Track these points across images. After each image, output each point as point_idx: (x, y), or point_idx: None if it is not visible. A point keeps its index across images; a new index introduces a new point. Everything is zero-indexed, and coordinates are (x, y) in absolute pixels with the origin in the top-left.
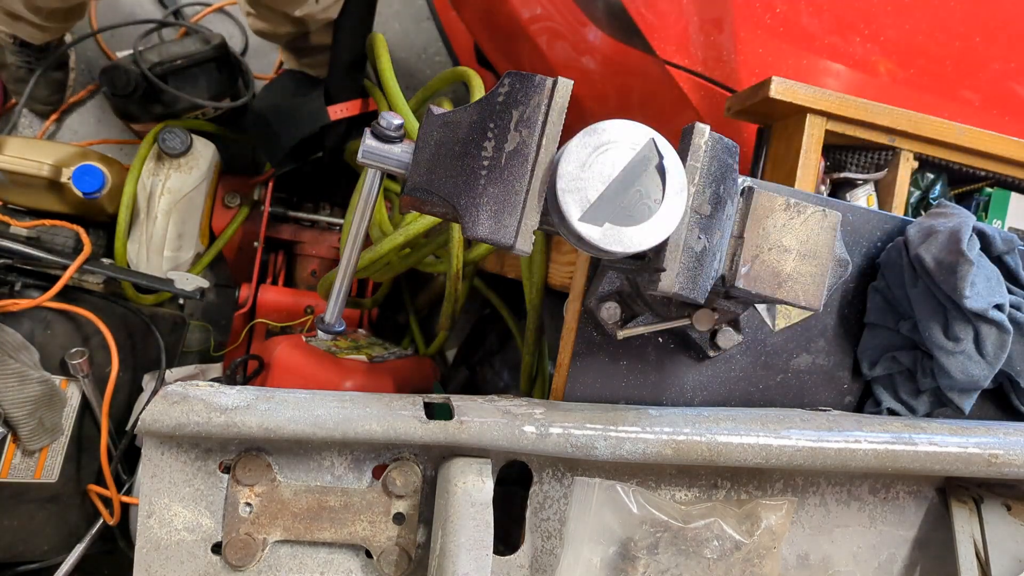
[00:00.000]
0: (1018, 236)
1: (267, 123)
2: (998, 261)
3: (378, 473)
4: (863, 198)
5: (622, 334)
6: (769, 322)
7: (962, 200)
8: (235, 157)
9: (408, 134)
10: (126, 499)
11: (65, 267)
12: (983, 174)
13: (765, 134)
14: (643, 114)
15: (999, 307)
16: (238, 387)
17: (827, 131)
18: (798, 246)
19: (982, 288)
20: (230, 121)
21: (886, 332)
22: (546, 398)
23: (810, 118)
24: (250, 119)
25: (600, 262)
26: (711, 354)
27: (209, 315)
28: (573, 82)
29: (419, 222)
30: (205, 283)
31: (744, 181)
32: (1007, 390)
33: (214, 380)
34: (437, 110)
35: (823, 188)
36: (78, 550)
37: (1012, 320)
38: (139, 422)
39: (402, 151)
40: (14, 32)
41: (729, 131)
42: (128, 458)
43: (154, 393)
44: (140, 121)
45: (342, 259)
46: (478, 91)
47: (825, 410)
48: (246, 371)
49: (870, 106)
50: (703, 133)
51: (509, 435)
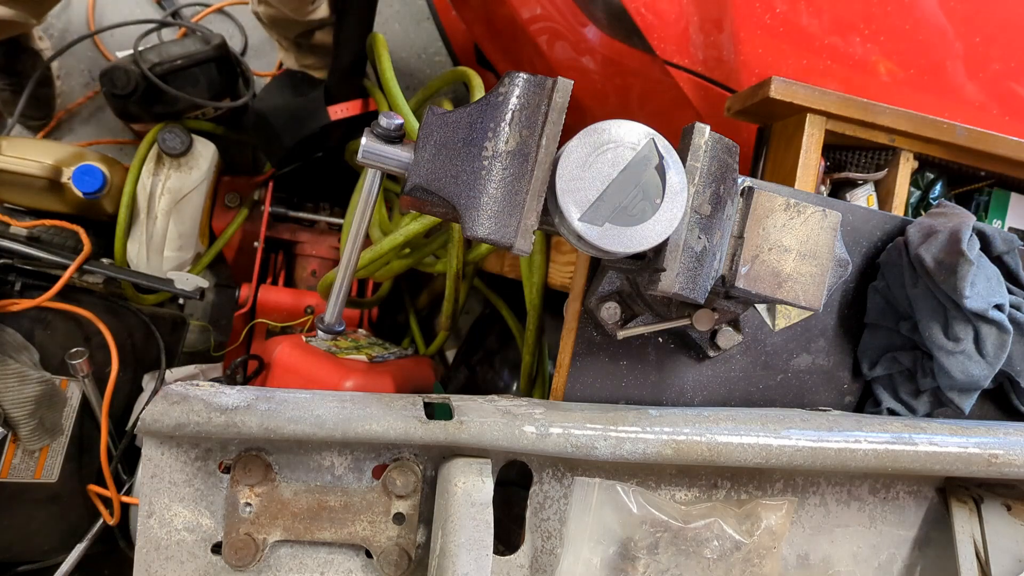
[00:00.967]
0: (1018, 236)
1: (267, 123)
2: (998, 261)
3: (378, 473)
4: (863, 198)
5: (622, 334)
6: (769, 322)
7: (962, 200)
8: (235, 157)
9: (408, 134)
10: (126, 499)
11: (65, 267)
12: (983, 174)
13: (765, 134)
14: (643, 114)
15: (999, 307)
16: (238, 387)
17: (827, 131)
18: (798, 246)
19: (982, 288)
20: (230, 121)
21: (886, 332)
22: (546, 398)
23: (810, 118)
24: (250, 119)
25: (600, 262)
26: (711, 354)
27: (209, 315)
28: (573, 82)
29: (419, 222)
30: (205, 283)
31: (744, 181)
32: (1007, 390)
33: (214, 380)
34: (437, 110)
35: (823, 188)
36: (78, 550)
37: (1012, 320)
38: (139, 422)
39: (402, 151)
40: None
41: (729, 131)
42: (128, 458)
43: (154, 393)
44: (140, 121)
45: (342, 259)
46: (478, 91)
47: (825, 410)
48: (246, 371)
49: (870, 106)
50: (703, 133)
51: (509, 435)
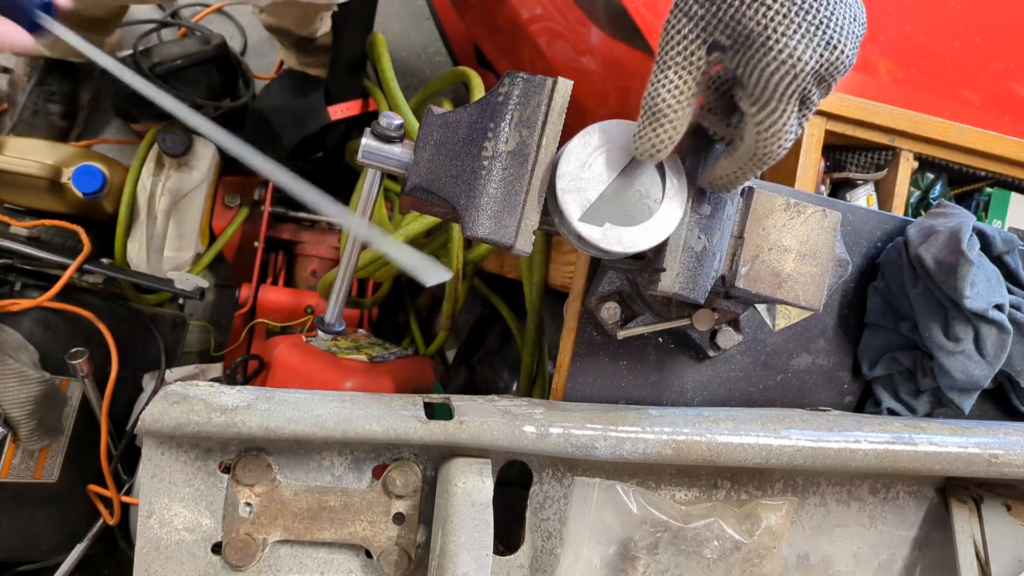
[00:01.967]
0: (1018, 236)
1: (267, 123)
2: (998, 261)
3: (378, 473)
4: (863, 198)
5: (622, 334)
6: (769, 322)
7: (962, 200)
8: (235, 157)
9: (408, 134)
10: (126, 499)
11: (65, 267)
12: (983, 174)
13: None
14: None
15: (999, 307)
16: (238, 387)
17: (827, 131)
18: (798, 246)
19: (982, 288)
20: (230, 121)
21: (886, 332)
22: (546, 398)
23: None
24: (250, 119)
25: (600, 262)
26: (711, 354)
27: (209, 315)
28: (573, 82)
29: (419, 222)
30: (205, 283)
31: None
32: (1007, 390)
33: (214, 380)
34: (437, 110)
35: (823, 188)
36: (78, 550)
37: (1012, 320)
38: (139, 422)
39: (402, 151)
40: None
41: None
42: (128, 458)
43: (154, 393)
44: (140, 121)
45: (342, 259)
46: (478, 91)
47: (825, 410)
48: (246, 371)
49: (870, 106)
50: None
51: (509, 435)
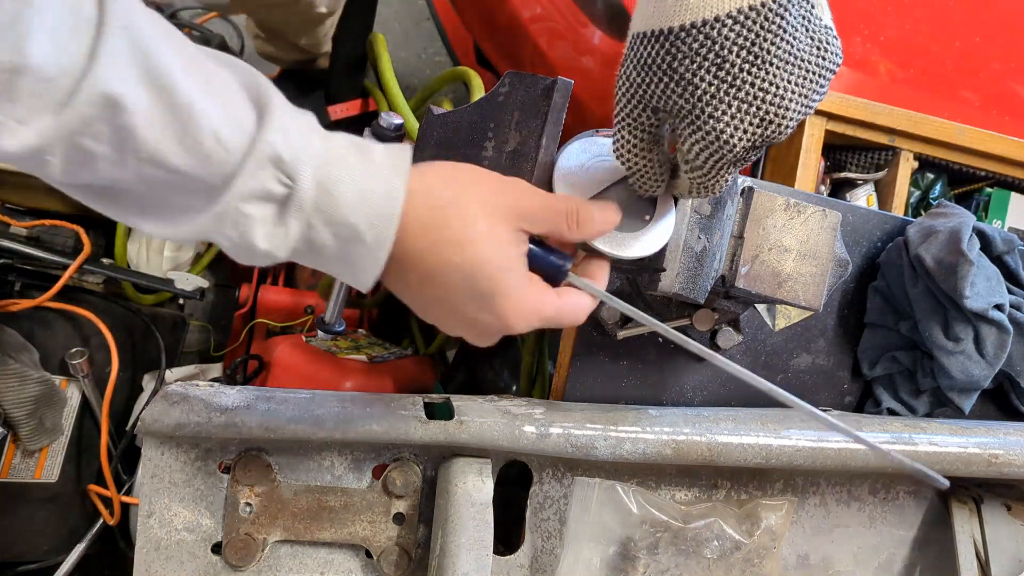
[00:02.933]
0: (1018, 236)
1: None
2: (998, 261)
3: (378, 473)
4: (863, 198)
5: (622, 334)
6: (769, 322)
7: (962, 200)
8: None
9: (408, 134)
10: (126, 499)
11: (65, 267)
12: (983, 174)
13: None
14: None
15: (999, 307)
16: (238, 387)
17: (827, 131)
18: (798, 246)
19: (982, 288)
20: None
21: (886, 332)
22: (546, 398)
23: (810, 118)
24: None
25: None
26: None
27: (209, 315)
28: (573, 82)
29: None
30: (205, 283)
31: (744, 181)
32: (1007, 390)
33: (214, 380)
34: (437, 110)
35: (823, 188)
36: (78, 550)
37: (1012, 320)
38: (139, 422)
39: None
40: None
41: None
42: (128, 458)
43: (154, 393)
44: None
45: None
46: (478, 91)
47: (825, 410)
48: (246, 371)
49: (870, 106)
50: None
51: (509, 435)
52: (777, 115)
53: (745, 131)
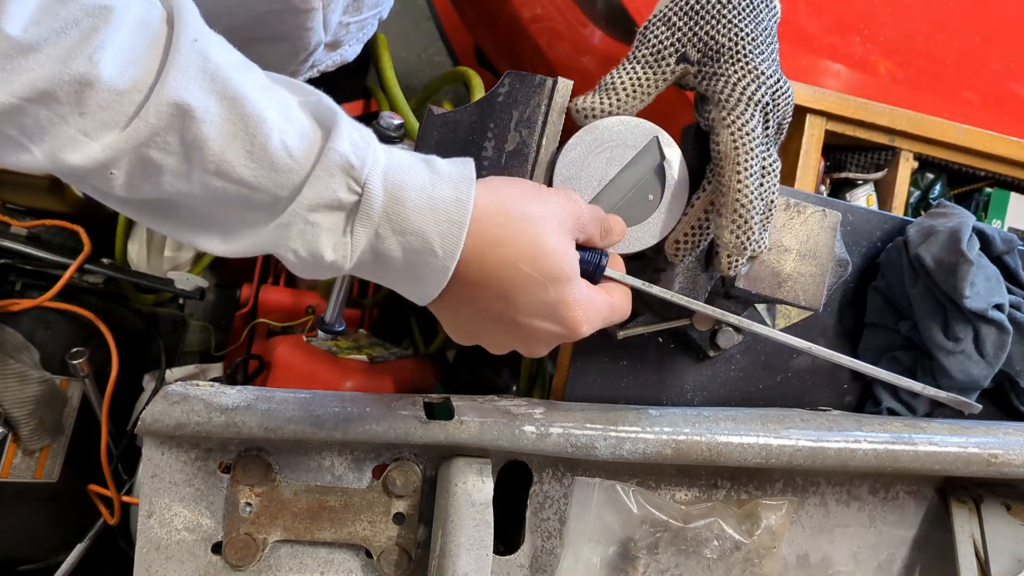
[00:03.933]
0: (1018, 236)
1: None
2: (998, 261)
3: (378, 473)
4: (863, 198)
5: (622, 334)
6: (769, 322)
7: (962, 200)
8: None
9: (408, 134)
10: (126, 499)
11: (65, 267)
12: (983, 174)
13: None
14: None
15: (999, 307)
16: (238, 387)
17: (827, 131)
18: (798, 246)
19: (982, 288)
20: None
21: (886, 332)
22: (546, 398)
23: (810, 118)
24: None
25: None
26: (711, 354)
27: (209, 315)
28: (573, 82)
29: None
30: (205, 283)
31: None
32: (1007, 390)
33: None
34: (437, 110)
35: (823, 188)
36: (78, 550)
37: (1012, 320)
38: (139, 422)
39: (402, 151)
40: None
41: None
42: (128, 458)
43: (154, 393)
44: None
45: None
46: (478, 91)
47: (825, 410)
48: (247, 371)
49: (870, 106)
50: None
51: (509, 435)
52: (784, 76)
53: (772, 68)
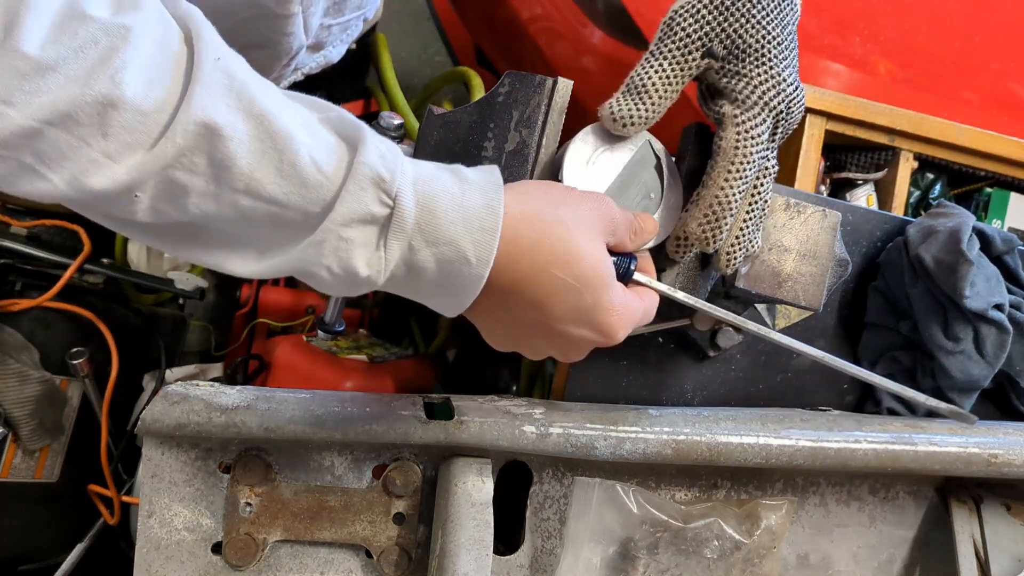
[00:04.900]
0: (1018, 236)
1: None
2: (998, 261)
3: (378, 473)
4: (863, 198)
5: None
6: (769, 322)
7: (962, 200)
8: None
9: (408, 134)
10: (126, 499)
11: (65, 267)
12: (983, 174)
13: None
14: None
15: (999, 307)
16: (238, 387)
17: (827, 131)
18: (798, 246)
19: (982, 288)
20: None
21: (886, 332)
22: (546, 398)
23: (810, 118)
24: None
25: None
26: (711, 354)
27: (209, 315)
28: (573, 82)
29: None
30: (205, 283)
31: None
32: (1007, 390)
33: (214, 380)
34: (437, 110)
35: (823, 188)
36: (78, 550)
37: (1012, 320)
38: (139, 422)
39: (402, 151)
40: None
41: None
42: (128, 458)
43: (154, 393)
44: None
45: None
46: (478, 91)
47: (825, 410)
48: (247, 371)
49: (870, 106)
50: (703, 132)
51: (509, 435)
52: (800, 86)
53: (792, 80)
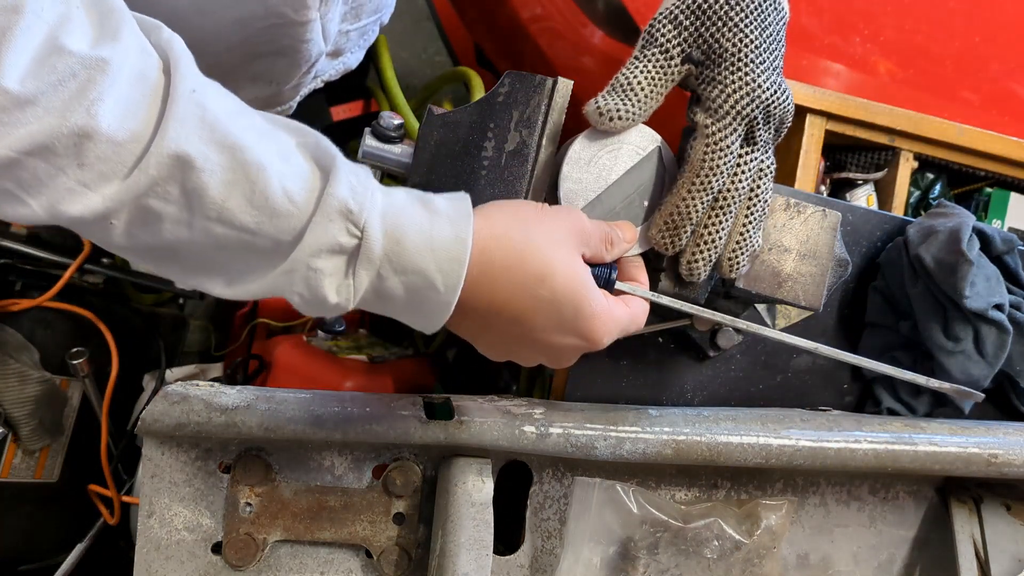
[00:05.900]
0: (1018, 236)
1: None
2: (998, 261)
3: (378, 473)
4: (863, 198)
5: None
6: (769, 322)
7: (962, 200)
8: None
9: (408, 134)
10: (126, 499)
11: (65, 267)
12: (983, 174)
13: None
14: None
15: (999, 307)
16: (238, 387)
17: (827, 131)
18: (798, 246)
19: (982, 288)
20: None
21: (886, 332)
22: (546, 398)
23: (810, 118)
24: None
25: None
26: (711, 354)
27: (209, 315)
28: (573, 82)
29: None
30: None
31: None
32: (1007, 390)
33: (214, 380)
34: (437, 110)
35: (823, 188)
36: (78, 550)
37: (1012, 320)
38: (139, 422)
39: (402, 151)
40: None
41: None
42: (128, 458)
43: (154, 393)
44: None
45: None
46: (478, 91)
47: (825, 410)
48: (247, 371)
49: (870, 106)
50: None
51: (509, 435)
52: (787, 92)
53: (772, 84)
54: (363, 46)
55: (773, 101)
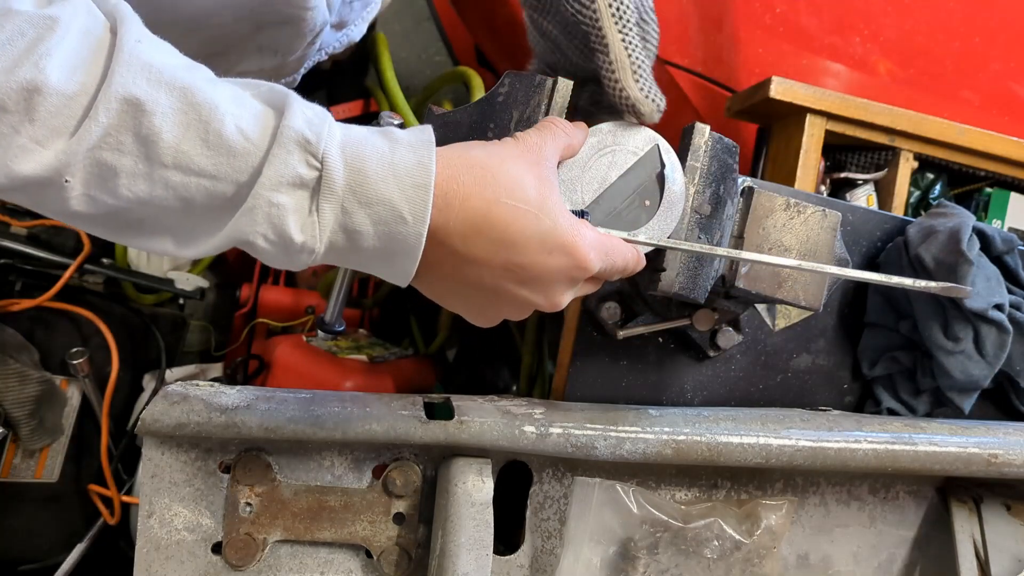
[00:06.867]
0: (1018, 236)
1: None
2: (998, 261)
3: (378, 473)
4: (863, 198)
5: (622, 334)
6: (769, 322)
7: (962, 200)
8: None
9: None
10: (126, 499)
11: (65, 267)
12: (983, 174)
13: (765, 134)
14: None
15: (999, 307)
16: (238, 387)
17: (827, 131)
18: (798, 246)
19: (982, 288)
20: None
21: (886, 332)
22: (546, 398)
23: (810, 118)
24: None
25: None
26: (711, 354)
27: (209, 315)
28: (573, 82)
29: None
30: (205, 283)
31: (744, 181)
32: (1007, 390)
33: (214, 380)
34: (437, 110)
35: (823, 188)
36: (78, 550)
37: (1012, 320)
38: (139, 422)
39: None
40: None
41: (729, 131)
42: (128, 458)
43: (154, 393)
44: None
45: None
46: (478, 91)
47: (825, 410)
48: (247, 371)
49: (870, 106)
50: (703, 133)
51: (509, 435)
52: None
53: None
54: (366, 19)
55: None
